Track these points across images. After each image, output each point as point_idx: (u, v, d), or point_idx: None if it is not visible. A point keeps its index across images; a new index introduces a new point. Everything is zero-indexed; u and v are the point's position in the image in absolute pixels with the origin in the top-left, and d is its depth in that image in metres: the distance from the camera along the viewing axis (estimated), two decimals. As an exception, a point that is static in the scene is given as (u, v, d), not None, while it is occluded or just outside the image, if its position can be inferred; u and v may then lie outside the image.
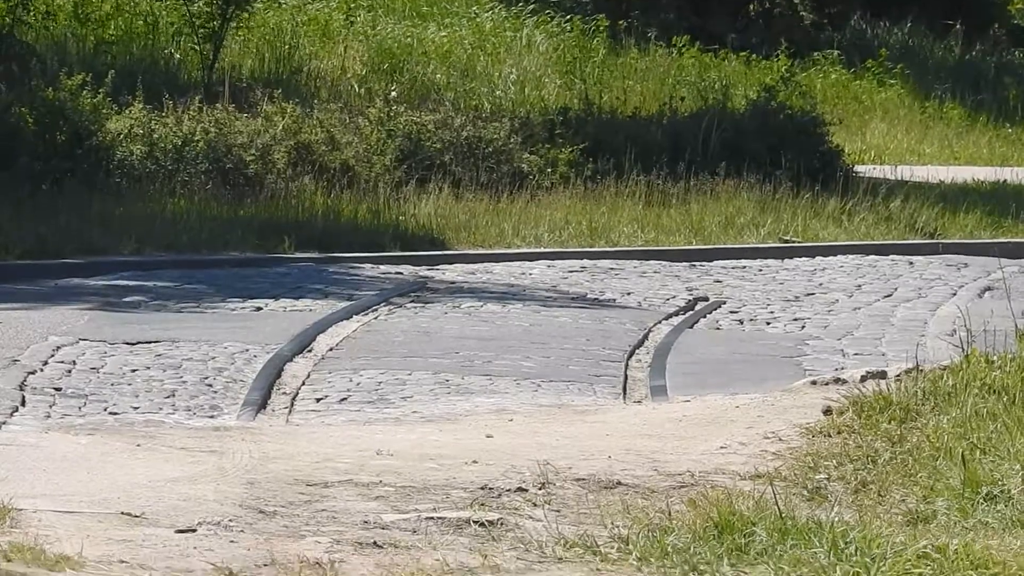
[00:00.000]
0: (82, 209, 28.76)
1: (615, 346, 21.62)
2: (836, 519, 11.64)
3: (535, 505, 12.50)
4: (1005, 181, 37.94)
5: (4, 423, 16.06)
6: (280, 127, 31.67)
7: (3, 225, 27.37)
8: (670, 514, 12.33)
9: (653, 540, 10.99)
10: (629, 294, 26.09)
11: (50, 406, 17.30)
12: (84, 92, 31.99)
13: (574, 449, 14.90)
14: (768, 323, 24.16)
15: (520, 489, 13.05)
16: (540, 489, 13.06)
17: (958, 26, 45.95)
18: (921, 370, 16.36)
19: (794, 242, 30.22)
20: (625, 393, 19.07)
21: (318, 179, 31.13)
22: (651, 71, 39.89)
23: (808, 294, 26.57)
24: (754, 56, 41.29)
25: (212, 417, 17.14)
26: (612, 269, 28.30)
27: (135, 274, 26.07)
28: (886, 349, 21.56)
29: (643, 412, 17.70)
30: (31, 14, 35.87)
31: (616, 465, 13.95)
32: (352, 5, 39.03)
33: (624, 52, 41.19)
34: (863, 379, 16.57)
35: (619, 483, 13.15)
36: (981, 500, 12.48)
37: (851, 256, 29.73)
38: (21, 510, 11.27)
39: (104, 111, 32.07)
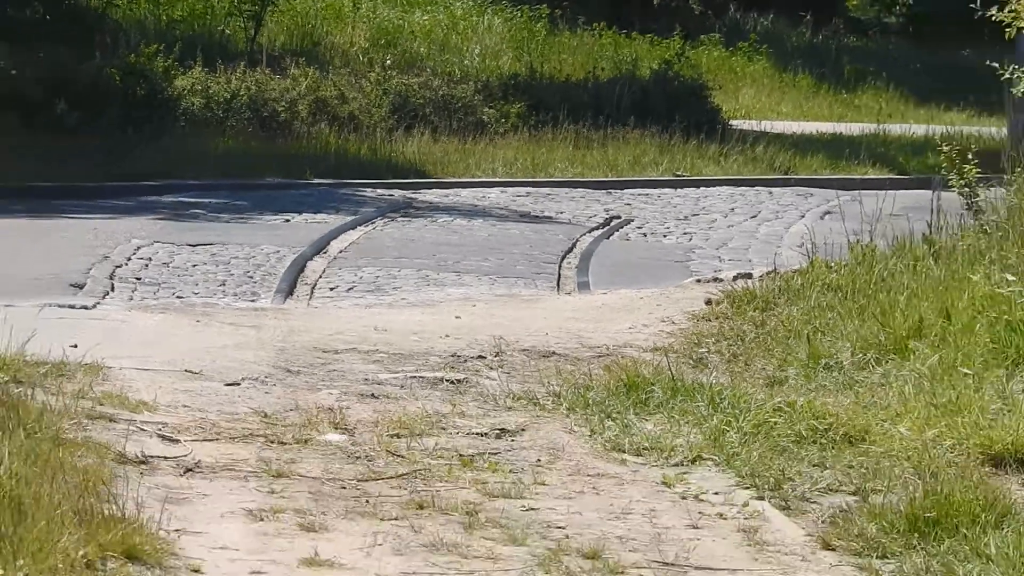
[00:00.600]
0: (156, 145, 28.32)
1: (551, 252, 22.17)
2: (713, 381, 12.38)
3: (491, 368, 14.23)
4: (840, 133, 37.86)
5: (98, 303, 16.87)
6: (303, 86, 32.48)
7: (98, 157, 27.38)
8: (591, 376, 12.99)
9: (578, 395, 12.25)
10: (562, 213, 26.58)
11: (132, 291, 18.22)
12: (158, 58, 32.15)
13: (520, 327, 16.15)
14: (664, 236, 24.80)
15: (480, 356, 14.69)
16: (495, 357, 14.69)
17: (808, 16, 46.44)
18: (778, 272, 17.56)
19: (684, 176, 30.52)
20: (558, 286, 19.97)
21: (331, 125, 31.60)
22: (580, 48, 38.64)
23: (694, 215, 27.05)
24: (656, 38, 40.29)
25: (253, 301, 17.96)
26: (549, 194, 28.60)
27: (195, 194, 26.36)
28: (752, 256, 22.13)
29: (572, 301, 18.77)
30: (119, -1, 36.32)
31: (552, 340, 15.53)
32: (358, -6, 40.16)
33: (560, 34, 41.38)
34: (735, 279, 17.98)
35: (553, 353, 14.85)
36: (821, 369, 13.53)
37: (726, 187, 30.01)
38: (110, 368, 12.17)
39: (172, 73, 32.23)
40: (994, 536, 9.61)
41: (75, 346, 12.49)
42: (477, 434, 11.48)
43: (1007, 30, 17.62)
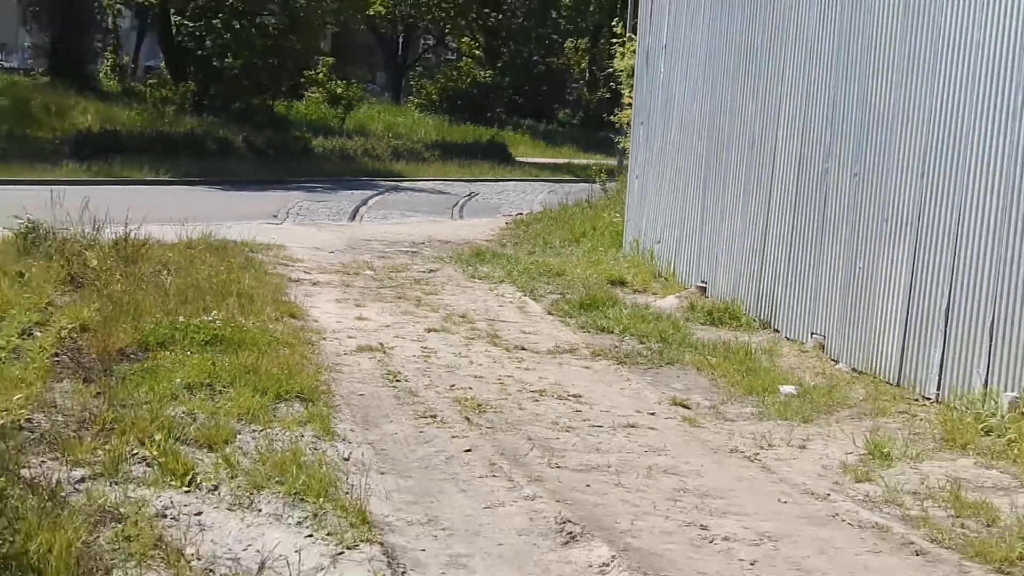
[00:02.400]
0: (302, 164, 30.82)
1: (449, 205, 28.25)
2: (508, 252, 19.32)
3: (426, 247, 19.73)
4: (558, 162, 40.24)
5: (281, 223, 22.42)
6: (359, 144, 34.47)
7: (280, 168, 29.81)
8: (462, 250, 19.24)
9: (458, 257, 18.24)
10: (453, 192, 30.35)
11: (295, 218, 23.48)
12: (306, 132, 35.16)
13: (436, 232, 21.98)
14: (490, 199, 30.00)
15: (422, 243, 20.09)
16: (427, 243, 20.00)
17: (546, 119, 52.14)
18: (531, 213, 25.25)
19: (499, 178, 35.21)
20: (451, 217, 26.28)
21: (369, 157, 33.86)
22: (465, 130, 41.54)
23: (502, 192, 32.12)
24: (488, 127, 43.60)
25: (338, 221, 24.08)
26: (449, 185, 31.78)
27: (316, 185, 29.01)
28: (523, 207, 27.47)
29: (455, 223, 25.16)
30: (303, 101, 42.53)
31: (448, 236, 21.25)
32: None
33: (457, 125, 43.17)
34: (516, 215, 25.37)
35: (449, 241, 20.51)
36: (547, 247, 19.19)
37: (513, 182, 34.62)
38: (285, 246, 17.78)
39: (311, 137, 34.56)
40: (612, 310, 13.84)
41: (273, 238, 18.52)
42: (420, 271, 17.00)
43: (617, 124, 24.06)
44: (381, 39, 59.06)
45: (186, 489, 6.69)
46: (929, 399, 10.29)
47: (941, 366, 10.34)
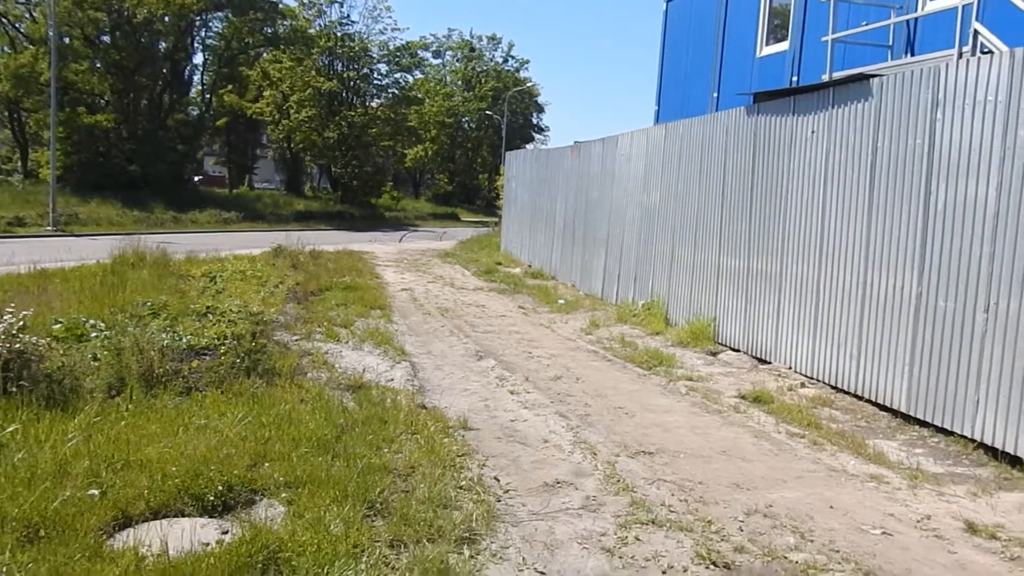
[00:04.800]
0: (394, 220, 39.54)
1: (436, 236, 28.91)
2: (459, 253, 20.40)
3: (427, 252, 20.54)
4: (483, 219, 42.55)
5: (371, 244, 22.84)
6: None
7: (385, 225, 36.74)
8: (440, 253, 21.79)
9: (439, 256, 21.09)
10: (437, 232, 32.78)
11: (377, 243, 24.17)
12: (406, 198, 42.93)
13: (431, 247, 22.91)
14: (453, 235, 29.31)
15: (425, 251, 20.59)
16: (427, 251, 20.41)
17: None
18: (467, 239, 24.53)
19: (457, 227, 38.20)
20: (438, 240, 26.39)
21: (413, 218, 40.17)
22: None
23: (456, 231, 32.36)
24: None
25: (393, 243, 24.47)
26: (435, 230, 35.53)
27: (385, 229, 33.29)
28: (465, 237, 26.25)
29: (438, 243, 24.87)
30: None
31: (436, 248, 22.36)
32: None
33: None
34: (462, 240, 24.73)
35: (435, 250, 21.37)
36: (480, 251, 22.25)
37: (464, 228, 37.02)
38: (375, 253, 19.66)
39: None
40: (497, 274, 15.59)
41: (368, 249, 19.73)
42: (424, 261, 17.88)
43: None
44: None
45: (335, 343, 7.85)
46: (614, 304, 11.76)
47: (617, 292, 12.02)
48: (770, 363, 7.88)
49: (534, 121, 61.85)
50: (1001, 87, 5.44)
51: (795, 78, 11.85)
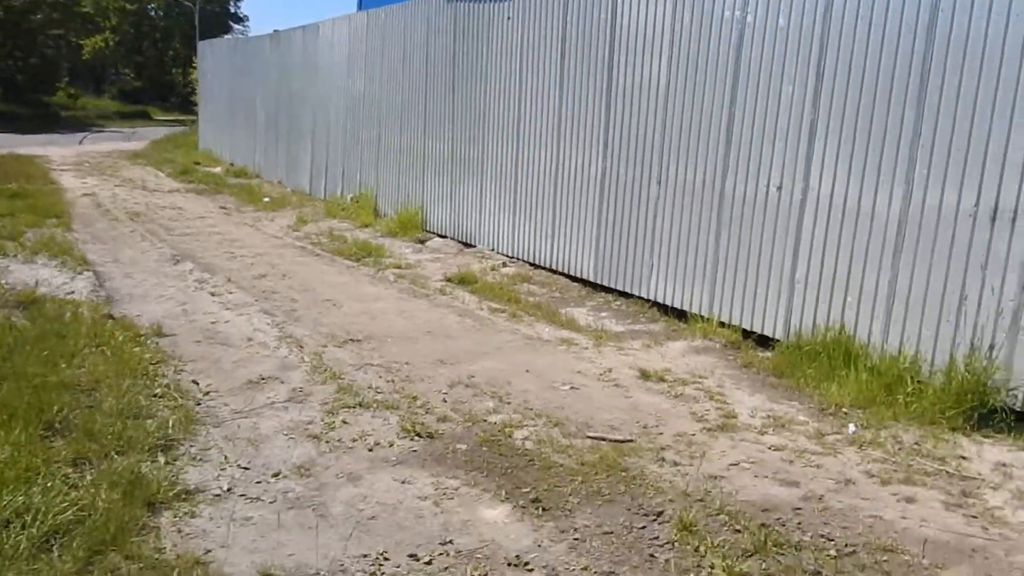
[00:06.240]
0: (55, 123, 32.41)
1: (125, 138, 25.48)
2: (152, 154, 18.48)
3: (114, 155, 19.08)
4: (178, 118, 39.80)
5: (45, 147, 20.05)
6: None
7: None
8: (130, 154, 19.33)
9: (128, 157, 19.03)
10: (125, 132, 29.42)
11: (52, 145, 21.58)
12: None
13: (118, 148, 21.40)
14: (145, 135, 26.41)
15: (111, 152, 18.90)
16: (112, 153, 19.09)
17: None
18: (162, 138, 23.11)
19: (149, 127, 34.27)
20: (126, 141, 23.46)
21: None
22: None
23: (148, 132, 29.42)
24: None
25: (72, 146, 21.72)
26: (123, 130, 31.74)
27: (62, 132, 28.78)
28: (159, 135, 24.56)
29: (127, 144, 22.59)
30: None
31: (124, 149, 20.62)
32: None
33: None
34: (156, 139, 23.18)
35: (124, 151, 19.65)
36: (176, 150, 20.97)
37: (157, 127, 33.73)
38: (48, 156, 18.39)
39: None
40: (195, 175, 16.25)
41: (40, 152, 18.32)
42: (110, 163, 16.48)
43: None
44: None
45: (2, 256, 7.11)
46: (323, 199, 11.63)
47: (325, 186, 11.97)
48: (475, 246, 8.18)
49: (231, 10, 58.71)
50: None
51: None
